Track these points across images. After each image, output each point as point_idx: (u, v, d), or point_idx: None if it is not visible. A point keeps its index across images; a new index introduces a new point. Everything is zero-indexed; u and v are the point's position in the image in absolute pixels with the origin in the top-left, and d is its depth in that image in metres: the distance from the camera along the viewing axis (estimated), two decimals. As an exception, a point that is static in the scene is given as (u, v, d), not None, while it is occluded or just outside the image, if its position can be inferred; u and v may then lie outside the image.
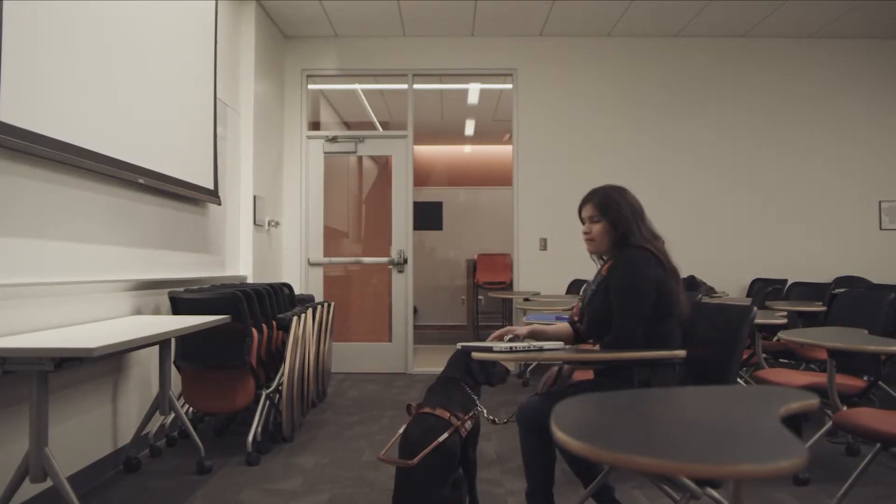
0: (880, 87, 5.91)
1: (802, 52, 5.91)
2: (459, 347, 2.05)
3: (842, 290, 4.12)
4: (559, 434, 0.92)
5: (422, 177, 9.41)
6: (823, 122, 5.90)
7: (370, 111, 7.65)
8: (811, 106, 5.90)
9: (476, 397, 2.52)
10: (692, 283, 4.96)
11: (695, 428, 1.01)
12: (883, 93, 5.91)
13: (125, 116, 3.17)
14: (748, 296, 5.54)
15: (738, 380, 2.27)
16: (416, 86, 5.99)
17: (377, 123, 7.82)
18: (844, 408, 2.44)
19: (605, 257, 2.29)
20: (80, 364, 2.48)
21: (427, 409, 2.35)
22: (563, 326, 2.40)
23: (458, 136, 9.33)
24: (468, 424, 2.36)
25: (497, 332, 2.30)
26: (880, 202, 5.87)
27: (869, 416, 2.20)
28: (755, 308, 1.97)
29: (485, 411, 2.47)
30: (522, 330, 2.27)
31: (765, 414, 1.05)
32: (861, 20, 5.49)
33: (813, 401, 1.13)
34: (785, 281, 5.36)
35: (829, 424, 2.99)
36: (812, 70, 5.91)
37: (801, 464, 0.84)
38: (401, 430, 2.33)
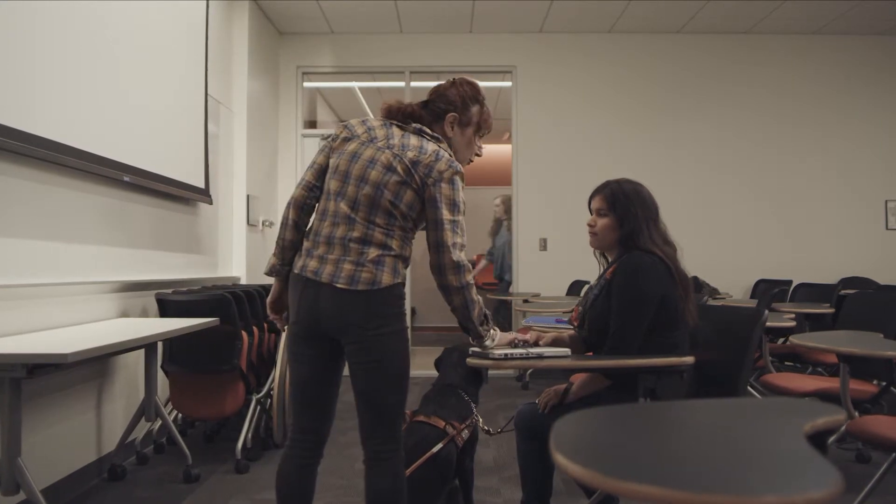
0: (886, 84, 5.80)
1: (807, 48, 5.80)
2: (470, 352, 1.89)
3: (850, 291, 4.01)
4: (559, 458, 0.81)
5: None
6: (828, 120, 5.79)
7: (367, 109, 7.55)
8: (815, 104, 5.79)
9: (474, 404, 2.41)
10: (695, 285, 4.85)
11: (710, 449, 0.91)
12: (889, 90, 5.80)
13: (111, 114, 3.07)
14: (752, 297, 5.44)
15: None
16: (413, 83, 5.88)
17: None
18: (856, 414, 2.34)
19: (609, 258, 2.15)
20: (57, 370, 2.37)
21: (421, 418, 2.25)
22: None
23: (457, 136, 9.22)
24: (465, 433, 2.26)
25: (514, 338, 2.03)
26: (886, 201, 5.76)
27: (885, 425, 2.09)
28: (766, 311, 1.87)
29: (481, 420, 2.36)
30: (548, 337, 2.09)
31: (788, 431, 0.94)
32: (867, 16, 5.38)
33: (840, 416, 1.02)
34: (790, 282, 5.25)
35: (840, 430, 2.89)
36: (817, 67, 5.80)
37: (836, 493, 0.73)
38: (393, 440, 2.22)
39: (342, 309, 1.69)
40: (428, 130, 1.81)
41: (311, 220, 1.86)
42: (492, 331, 1.84)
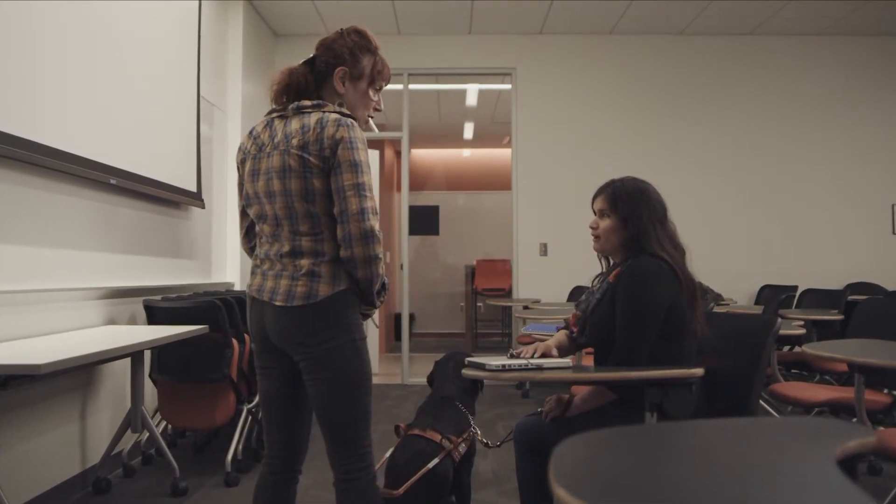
0: (891, 86, 5.71)
1: (811, 49, 5.71)
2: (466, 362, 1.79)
3: (860, 297, 3.91)
4: (559, 491, 0.71)
5: (419, 181, 9.21)
6: (832, 122, 5.69)
7: (366, 113, 7.45)
8: (819, 106, 5.70)
9: (471, 416, 2.31)
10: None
11: (731, 480, 0.81)
12: (894, 92, 5.70)
13: (97, 115, 2.98)
14: (757, 303, 5.33)
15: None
16: (411, 86, 5.79)
17: (373, 125, 7.62)
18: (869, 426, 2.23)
19: (613, 261, 2.04)
20: (33, 381, 2.27)
21: (416, 432, 2.15)
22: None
23: (456, 139, 9.14)
24: (462, 447, 2.16)
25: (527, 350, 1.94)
26: (893, 205, 5.66)
27: (903, 439, 1.99)
28: (779, 320, 1.76)
29: (479, 433, 2.26)
30: (550, 342, 1.98)
31: (818, 458, 0.84)
32: (870, 17, 5.29)
33: (871, 439, 0.92)
34: (795, 287, 5.14)
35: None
36: (821, 69, 5.71)
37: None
38: (387, 455, 2.12)
39: (284, 326, 1.62)
40: (307, 102, 1.66)
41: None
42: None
